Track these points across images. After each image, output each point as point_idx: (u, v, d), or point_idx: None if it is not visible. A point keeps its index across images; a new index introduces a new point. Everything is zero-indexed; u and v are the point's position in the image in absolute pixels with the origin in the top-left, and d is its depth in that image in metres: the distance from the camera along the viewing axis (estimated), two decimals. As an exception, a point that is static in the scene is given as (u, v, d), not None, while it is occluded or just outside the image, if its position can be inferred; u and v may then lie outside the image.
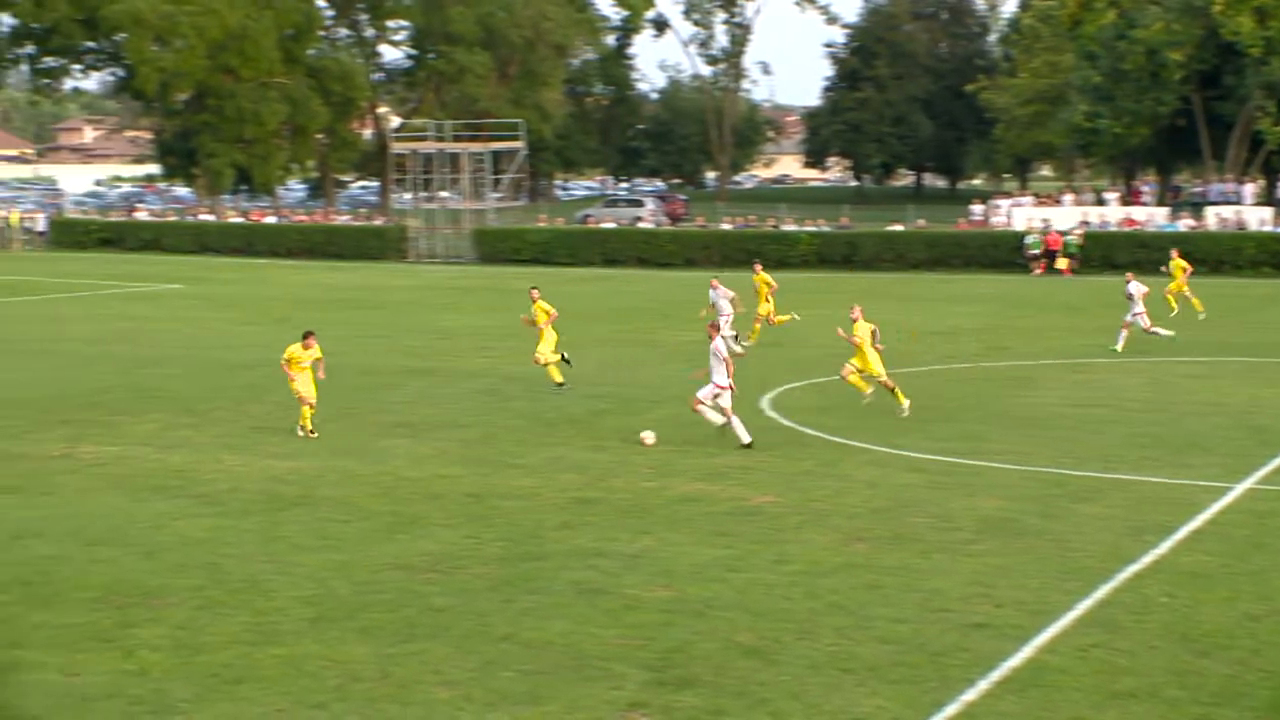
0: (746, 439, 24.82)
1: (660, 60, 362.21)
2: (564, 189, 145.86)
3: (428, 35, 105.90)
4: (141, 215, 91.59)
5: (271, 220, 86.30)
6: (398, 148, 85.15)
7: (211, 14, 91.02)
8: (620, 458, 24.28)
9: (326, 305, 50.52)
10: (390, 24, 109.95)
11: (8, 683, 13.72)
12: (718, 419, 25.25)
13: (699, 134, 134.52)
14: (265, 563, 17.83)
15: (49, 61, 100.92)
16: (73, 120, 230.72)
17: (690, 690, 13.59)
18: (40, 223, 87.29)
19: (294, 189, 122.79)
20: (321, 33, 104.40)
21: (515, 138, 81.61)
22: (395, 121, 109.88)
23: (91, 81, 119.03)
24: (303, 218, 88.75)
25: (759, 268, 41.00)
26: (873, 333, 27.98)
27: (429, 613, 15.89)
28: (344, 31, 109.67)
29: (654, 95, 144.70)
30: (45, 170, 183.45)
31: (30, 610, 15.97)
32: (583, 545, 18.67)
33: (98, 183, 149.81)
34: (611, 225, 79.87)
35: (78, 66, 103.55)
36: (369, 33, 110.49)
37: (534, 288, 32.95)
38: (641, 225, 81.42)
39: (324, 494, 21.66)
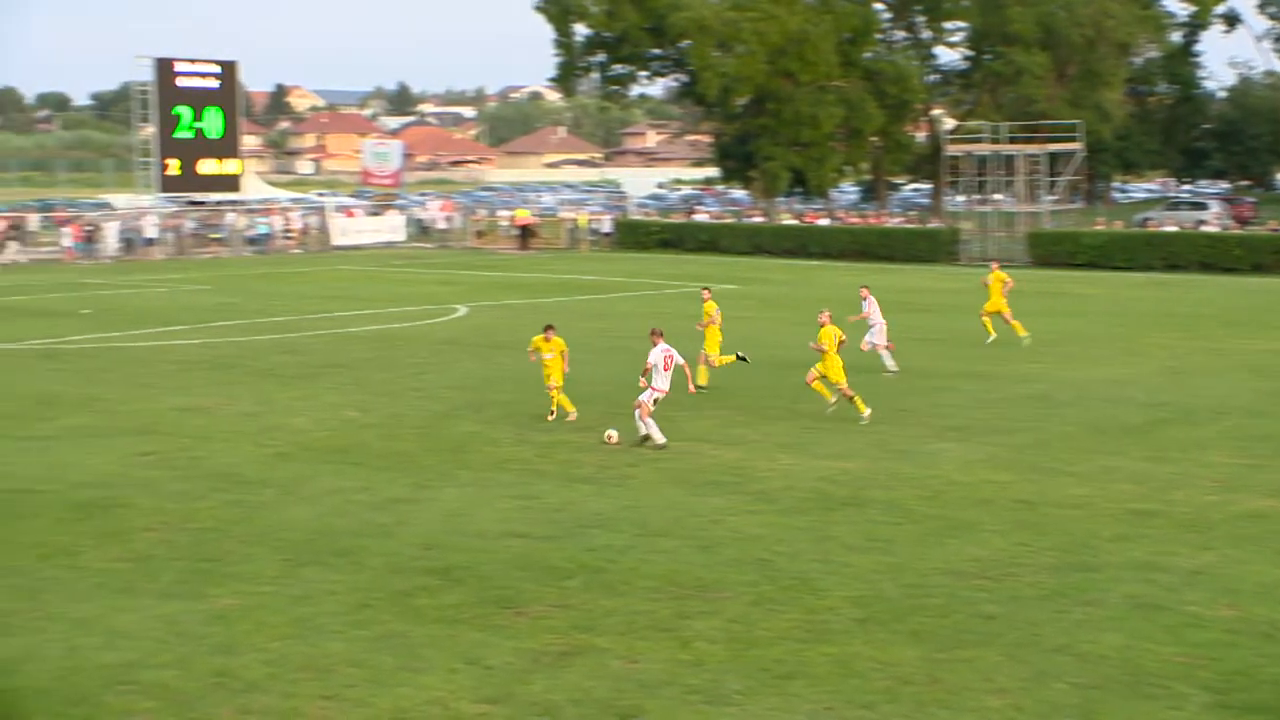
0: (661, 440, 25.26)
1: (1230, 56, 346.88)
2: (1121, 191, 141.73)
3: (985, 36, 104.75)
4: (700, 217, 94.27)
5: (824, 223, 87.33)
6: (952, 150, 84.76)
7: (772, 20, 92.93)
8: (1181, 469, 23.40)
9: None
10: (947, 25, 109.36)
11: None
12: (658, 437, 25.40)
13: (1270, 133, 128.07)
14: (816, 561, 18.08)
15: (618, 69, 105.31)
16: (637, 125, 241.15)
17: (1257, 716, 13.00)
18: (605, 224, 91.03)
19: (846, 191, 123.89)
20: (878, 35, 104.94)
21: (1073, 139, 80.00)
22: (949, 124, 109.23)
23: (656, 87, 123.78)
24: (855, 220, 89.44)
25: (996, 266, 40.81)
26: (840, 341, 27.85)
27: (979, 619, 15.75)
28: (900, 34, 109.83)
29: (1221, 94, 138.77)
30: (611, 174, 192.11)
31: (598, 597, 16.71)
32: (1139, 558, 18.11)
33: (659, 185, 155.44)
34: (1173, 229, 77.10)
35: (644, 73, 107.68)
36: (925, 34, 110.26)
37: (705, 288, 34.06)
38: (1205, 229, 78.28)
39: (873, 495, 21.78)
